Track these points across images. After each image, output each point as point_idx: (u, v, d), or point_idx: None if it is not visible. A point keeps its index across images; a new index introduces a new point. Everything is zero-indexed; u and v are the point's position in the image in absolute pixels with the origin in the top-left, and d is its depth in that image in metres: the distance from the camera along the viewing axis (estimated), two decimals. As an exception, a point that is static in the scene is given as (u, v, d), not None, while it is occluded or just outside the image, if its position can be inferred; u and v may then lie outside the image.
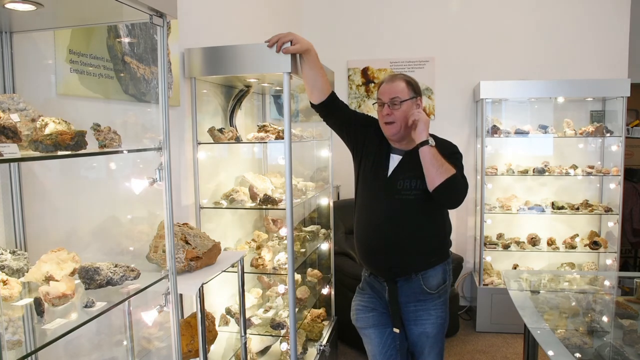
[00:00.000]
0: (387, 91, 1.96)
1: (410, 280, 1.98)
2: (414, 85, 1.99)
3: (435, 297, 1.99)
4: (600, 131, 3.76)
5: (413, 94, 1.97)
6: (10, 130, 1.04)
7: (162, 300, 1.48)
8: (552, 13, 4.04)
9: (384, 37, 4.26)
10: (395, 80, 1.97)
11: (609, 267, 3.84)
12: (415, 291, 1.98)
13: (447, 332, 3.62)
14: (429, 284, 1.98)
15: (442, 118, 4.23)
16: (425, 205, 1.94)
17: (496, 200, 4.04)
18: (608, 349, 2.08)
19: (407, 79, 1.99)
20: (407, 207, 1.94)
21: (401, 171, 1.97)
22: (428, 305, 1.99)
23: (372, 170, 2.02)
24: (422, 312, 1.99)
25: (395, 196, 1.95)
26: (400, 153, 2.01)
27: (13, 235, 1.36)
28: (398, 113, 1.93)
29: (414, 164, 1.94)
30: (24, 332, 1.09)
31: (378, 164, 2.02)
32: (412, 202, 1.94)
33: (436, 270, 1.99)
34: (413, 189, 1.93)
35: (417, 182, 1.93)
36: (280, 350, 2.61)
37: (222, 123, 2.75)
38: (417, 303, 1.99)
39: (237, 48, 2.21)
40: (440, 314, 2.00)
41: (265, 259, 2.51)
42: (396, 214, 1.95)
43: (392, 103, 1.94)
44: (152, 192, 1.43)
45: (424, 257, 1.98)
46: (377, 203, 2.00)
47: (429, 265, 1.99)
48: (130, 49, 1.84)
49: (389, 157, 2.02)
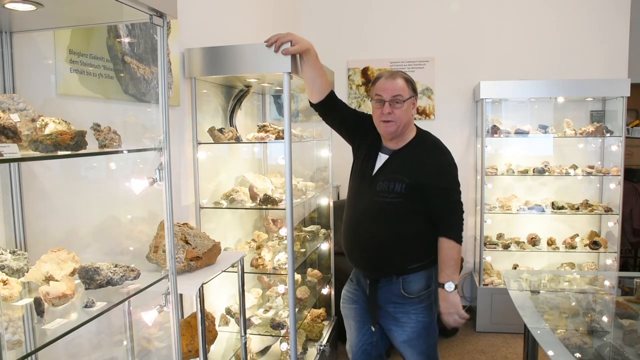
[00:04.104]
0: (389, 88, 1.90)
1: (390, 282, 1.97)
2: (412, 84, 1.96)
3: (415, 301, 1.95)
4: (600, 131, 3.76)
5: (412, 92, 1.94)
6: (10, 130, 1.04)
7: (162, 300, 1.48)
8: (553, 13, 4.04)
9: (384, 37, 4.25)
10: (396, 78, 1.91)
11: (609, 267, 3.84)
12: (395, 294, 1.97)
13: (447, 332, 3.69)
14: (409, 289, 1.96)
15: (442, 118, 4.24)
16: (402, 211, 1.91)
17: (496, 200, 4.04)
18: (608, 349, 2.08)
19: (405, 76, 1.95)
20: (383, 210, 1.92)
21: (384, 172, 1.95)
22: (407, 308, 1.97)
23: (360, 169, 2.04)
24: (401, 315, 1.98)
25: (374, 198, 1.94)
26: (388, 152, 1.99)
27: (13, 235, 1.36)
28: (399, 112, 1.89)
29: (397, 165, 1.93)
30: (24, 332, 1.09)
31: (366, 162, 2.02)
32: (387, 205, 1.91)
33: (418, 275, 1.96)
34: (390, 192, 1.89)
35: (396, 186, 1.89)
36: (280, 350, 2.61)
37: (222, 123, 2.75)
38: (396, 305, 1.98)
39: (237, 48, 2.21)
40: (421, 318, 1.96)
41: (265, 259, 2.51)
42: (373, 214, 1.95)
43: (393, 101, 1.89)
44: (152, 192, 1.43)
45: (400, 261, 1.95)
46: (359, 201, 2.01)
47: (410, 270, 1.96)
48: (130, 49, 1.84)
49: (377, 156, 2.01)
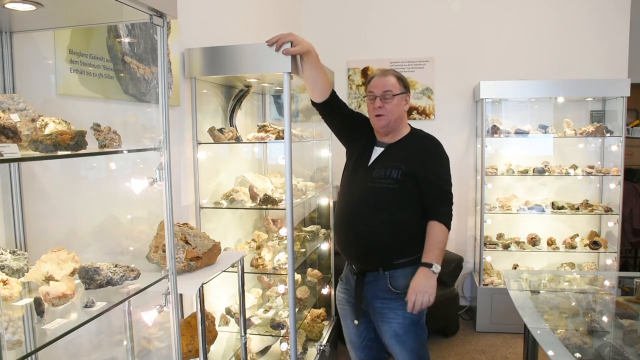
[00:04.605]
0: (380, 85, 2.03)
1: (378, 276, 2.01)
2: (404, 81, 2.07)
3: (401, 297, 1.98)
4: (600, 131, 3.76)
5: (403, 89, 2.05)
6: (10, 130, 1.04)
7: (162, 300, 1.48)
8: (552, 13, 4.03)
9: (384, 37, 4.25)
10: (387, 75, 2.05)
11: (609, 267, 3.84)
12: (382, 289, 2.01)
13: (447, 332, 3.71)
14: (396, 284, 2.00)
15: (442, 118, 4.24)
16: (398, 198, 1.98)
17: (496, 200, 4.04)
18: (608, 349, 2.08)
19: (397, 74, 2.07)
20: (379, 195, 1.98)
21: (380, 161, 2.04)
22: (394, 304, 2.00)
23: (355, 162, 2.10)
24: (387, 311, 2.01)
25: (369, 184, 2.01)
26: (383, 145, 2.08)
27: (13, 235, 1.36)
28: (389, 106, 2.01)
29: (393, 156, 2.02)
30: (24, 332, 1.09)
31: (361, 155, 2.09)
32: (384, 191, 1.97)
33: (405, 271, 1.99)
34: (387, 178, 1.98)
35: (393, 172, 1.98)
36: (280, 350, 2.61)
37: (222, 123, 2.75)
38: (383, 301, 2.02)
39: (237, 48, 2.21)
40: (408, 315, 1.98)
41: (265, 259, 2.51)
42: (368, 200, 2.00)
43: (384, 97, 2.01)
44: (152, 192, 1.43)
45: (389, 249, 1.99)
46: (353, 190, 2.07)
47: (398, 265, 1.99)
48: (130, 49, 1.84)
49: (372, 149, 2.09)
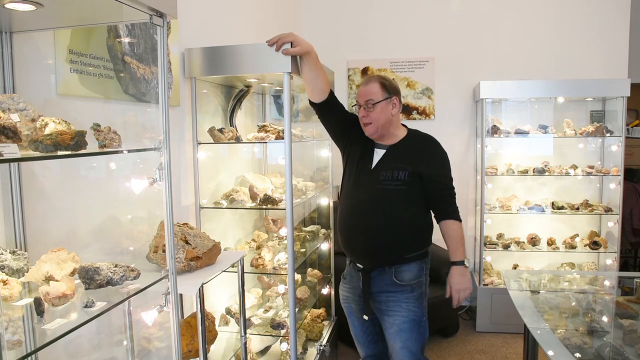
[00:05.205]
0: (362, 94, 2.06)
1: (383, 272, 2.04)
2: (388, 86, 2.06)
3: (407, 290, 2.03)
4: (600, 131, 3.76)
5: (387, 94, 2.04)
6: (10, 130, 1.04)
7: (162, 300, 1.48)
8: (552, 13, 4.03)
9: (384, 37, 4.25)
10: (369, 83, 2.06)
11: (609, 267, 3.84)
12: (387, 282, 2.04)
13: (447, 332, 3.70)
14: (401, 277, 2.04)
15: (442, 118, 4.24)
16: (406, 198, 2.01)
17: (496, 200, 4.04)
18: (608, 349, 2.08)
19: (381, 80, 2.06)
20: (388, 197, 2.01)
21: (385, 163, 2.05)
22: (399, 297, 2.03)
23: (358, 163, 2.11)
24: (392, 304, 2.05)
25: (377, 186, 2.02)
26: (384, 147, 2.09)
27: (13, 235, 1.36)
28: (373, 114, 2.03)
29: (397, 157, 2.03)
30: (24, 332, 1.09)
31: (363, 157, 2.10)
32: (393, 192, 2.00)
33: (411, 266, 2.04)
34: (394, 180, 2.00)
35: (400, 173, 2.00)
36: (280, 350, 2.61)
37: (222, 123, 2.75)
38: (388, 294, 2.05)
39: (237, 48, 2.21)
40: (412, 308, 2.03)
41: (265, 259, 2.51)
42: (376, 202, 2.02)
43: (366, 105, 2.03)
44: (152, 192, 1.43)
45: (398, 248, 2.02)
46: (360, 192, 2.07)
47: (404, 260, 2.03)
48: (130, 49, 1.84)
49: (373, 152, 2.10)
